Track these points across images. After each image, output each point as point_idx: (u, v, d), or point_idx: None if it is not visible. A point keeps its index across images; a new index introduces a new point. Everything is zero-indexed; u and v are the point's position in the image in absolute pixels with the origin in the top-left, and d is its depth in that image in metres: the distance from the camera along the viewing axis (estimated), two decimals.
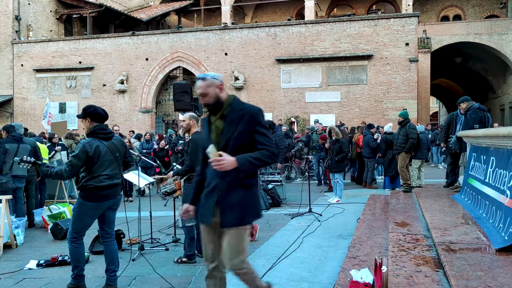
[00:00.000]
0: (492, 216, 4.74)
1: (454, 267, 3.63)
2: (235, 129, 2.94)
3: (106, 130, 4.40)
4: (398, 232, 5.30)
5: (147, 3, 32.28)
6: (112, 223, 4.59)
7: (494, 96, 27.75)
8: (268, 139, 2.96)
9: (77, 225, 4.34)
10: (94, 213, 4.34)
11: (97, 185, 4.23)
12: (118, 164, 4.45)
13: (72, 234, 4.34)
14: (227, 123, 2.98)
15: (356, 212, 7.88)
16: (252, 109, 3.00)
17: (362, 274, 3.79)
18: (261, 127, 2.96)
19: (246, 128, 2.92)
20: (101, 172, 4.25)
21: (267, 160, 2.92)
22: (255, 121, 2.95)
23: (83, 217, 4.31)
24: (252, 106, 3.04)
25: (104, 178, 4.27)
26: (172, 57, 21.22)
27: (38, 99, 22.60)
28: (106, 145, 4.32)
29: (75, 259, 4.34)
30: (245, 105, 3.04)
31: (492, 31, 23.55)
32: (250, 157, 2.85)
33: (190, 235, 5.39)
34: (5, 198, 6.23)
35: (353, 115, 18.88)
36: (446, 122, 8.63)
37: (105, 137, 4.36)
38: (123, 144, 4.59)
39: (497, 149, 5.11)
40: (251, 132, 2.93)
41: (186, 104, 9.08)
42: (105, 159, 4.27)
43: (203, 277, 4.77)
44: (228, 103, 3.05)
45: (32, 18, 24.23)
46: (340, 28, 19.24)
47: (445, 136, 8.56)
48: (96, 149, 4.21)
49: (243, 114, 2.95)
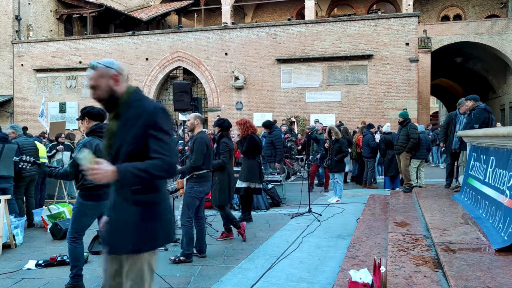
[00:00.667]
0: (492, 216, 4.72)
1: (454, 267, 3.62)
2: (129, 131, 2.39)
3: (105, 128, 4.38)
4: (398, 232, 5.29)
5: (147, 3, 32.27)
6: None
7: (495, 96, 27.73)
8: (166, 146, 2.37)
9: (76, 225, 4.34)
10: (94, 212, 4.34)
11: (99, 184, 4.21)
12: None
13: (72, 234, 4.34)
14: (121, 124, 2.44)
15: (356, 212, 7.86)
16: (149, 108, 2.42)
17: (361, 274, 3.78)
18: (158, 131, 2.36)
19: (141, 131, 2.36)
20: None
21: (159, 174, 2.33)
22: (151, 123, 2.36)
23: (83, 216, 4.31)
24: (150, 103, 2.47)
25: None
26: (172, 57, 21.22)
27: (38, 99, 22.55)
28: None
29: (74, 259, 4.34)
30: (144, 102, 2.46)
31: (493, 31, 23.52)
32: (135, 167, 2.29)
33: (189, 235, 5.38)
34: (4, 198, 6.23)
35: (353, 115, 18.87)
36: (445, 122, 8.62)
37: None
38: None
39: (497, 149, 5.10)
40: (146, 136, 2.36)
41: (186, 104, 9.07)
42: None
43: (202, 277, 4.78)
44: (125, 99, 2.49)
45: (32, 18, 24.23)
46: (340, 28, 19.23)
47: (444, 136, 8.54)
48: (96, 147, 4.21)
49: (139, 113, 2.39)
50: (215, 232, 6.84)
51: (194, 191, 5.42)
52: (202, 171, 5.43)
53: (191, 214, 5.46)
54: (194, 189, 5.42)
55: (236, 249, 5.91)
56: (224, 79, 20.52)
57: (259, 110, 19.94)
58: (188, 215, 5.43)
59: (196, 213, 5.60)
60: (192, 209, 5.46)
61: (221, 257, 5.55)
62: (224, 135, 6.50)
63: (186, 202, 5.45)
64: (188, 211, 5.43)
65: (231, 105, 20.43)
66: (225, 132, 6.54)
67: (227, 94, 20.51)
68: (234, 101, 20.39)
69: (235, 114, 19.92)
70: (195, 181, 5.43)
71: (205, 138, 5.45)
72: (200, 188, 5.44)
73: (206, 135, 5.57)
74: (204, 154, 5.36)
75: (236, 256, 5.57)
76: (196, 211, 5.59)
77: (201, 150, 5.35)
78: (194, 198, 5.42)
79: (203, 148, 5.36)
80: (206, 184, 5.54)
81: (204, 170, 5.45)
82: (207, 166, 5.50)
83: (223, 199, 6.33)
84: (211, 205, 8.99)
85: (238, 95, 20.32)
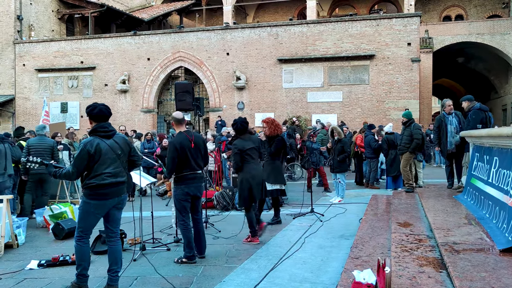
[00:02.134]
0: (496, 216, 4.71)
1: (458, 268, 3.60)
2: None
3: (107, 128, 4.39)
4: (401, 232, 5.27)
5: (149, 3, 32.27)
6: (117, 222, 4.58)
7: (496, 96, 27.68)
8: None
9: (82, 224, 4.35)
10: (98, 211, 4.33)
11: (99, 183, 4.23)
12: (122, 162, 4.42)
13: (78, 233, 4.35)
14: None
15: (359, 212, 7.84)
16: None
17: (364, 275, 3.76)
18: None
19: None
20: (103, 170, 4.25)
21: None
22: None
23: (88, 215, 4.32)
24: None
25: (107, 176, 4.26)
26: (174, 57, 21.21)
27: (40, 99, 22.53)
28: (108, 143, 4.31)
29: (79, 258, 4.34)
30: None
31: (495, 31, 23.48)
32: None
33: (187, 237, 5.34)
34: (6, 198, 6.22)
35: (355, 115, 18.85)
36: (436, 126, 8.62)
37: (106, 135, 4.35)
38: (127, 142, 4.56)
39: (500, 149, 5.08)
40: None
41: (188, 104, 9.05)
42: (106, 157, 4.26)
43: (205, 277, 4.77)
44: None
45: (34, 18, 24.23)
46: (342, 28, 19.21)
47: (437, 139, 8.53)
48: (97, 147, 4.21)
49: None
50: (217, 232, 6.83)
51: (178, 193, 5.34)
52: (182, 173, 5.31)
53: (185, 217, 5.37)
54: (178, 192, 5.35)
55: (239, 250, 5.90)
56: (225, 79, 20.51)
57: (261, 110, 19.92)
58: (181, 218, 5.37)
59: (192, 215, 5.53)
60: (184, 211, 5.37)
61: (223, 258, 5.54)
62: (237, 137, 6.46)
63: (176, 206, 5.42)
64: (180, 214, 5.38)
65: (233, 105, 20.42)
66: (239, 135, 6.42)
67: (229, 94, 20.50)
68: (235, 101, 20.37)
69: (236, 114, 19.90)
70: (177, 183, 5.37)
71: (176, 142, 5.29)
72: (184, 189, 5.31)
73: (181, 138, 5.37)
74: (174, 159, 5.23)
75: (238, 256, 5.56)
76: (193, 212, 5.53)
77: (170, 155, 5.27)
78: (180, 200, 5.33)
79: (173, 153, 5.23)
80: (192, 185, 5.37)
81: (187, 172, 5.32)
82: (190, 168, 5.34)
83: (241, 201, 6.33)
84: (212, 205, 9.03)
85: (239, 95, 20.31)
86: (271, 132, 7.38)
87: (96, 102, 4.51)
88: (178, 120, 5.53)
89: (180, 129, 5.50)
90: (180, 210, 5.37)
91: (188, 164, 5.33)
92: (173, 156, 5.25)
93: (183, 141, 5.34)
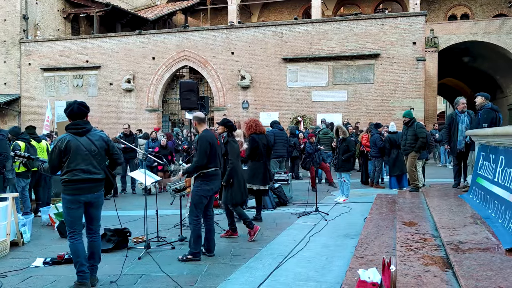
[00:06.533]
0: (502, 215, 4.68)
1: (464, 267, 3.59)
2: None
3: (80, 126, 4.46)
4: (406, 231, 5.26)
5: (154, 3, 32.33)
6: (96, 220, 4.65)
7: (502, 96, 27.52)
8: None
9: (66, 219, 4.49)
10: (73, 206, 4.39)
11: (71, 178, 4.34)
12: (96, 159, 4.44)
13: (67, 229, 4.47)
14: None
15: (363, 212, 7.83)
16: None
17: (369, 274, 3.76)
18: None
19: None
20: (75, 166, 4.33)
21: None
22: None
23: (67, 210, 4.44)
24: None
25: (78, 172, 4.34)
26: (179, 56, 21.24)
27: (45, 98, 22.66)
28: (80, 140, 4.38)
29: (74, 255, 4.43)
30: None
31: (500, 30, 23.32)
32: None
33: (196, 233, 5.37)
34: (11, 196, 6.26)
35: (360, 115, 18.79)
36: (447, 123, 8.53)
37: (77, 133, 4.42)
38: (104, 140, 4.58)
39: (506, 148, 5.05)
40: None
41: (193, 103, 9.08)
42: (77, 153, 4.34)
43: (209, 275, 4.78)
44: None
45: (40, 17, 24.32)
46: (347, 27, 19.16)
47: (447, 137, 8.45)
48: (67, 143, 4.33)
49: None
50: (222, 231, 6.83)
51: (202, 189, 5.40)
52: (209, 169, 5.41)
53: (199, 213, 5.45)
54: (201, 188, 5.40)
55: (244, 248, 5.90)
56: (230, 78, 20.51)
57: (265, 109, 19.91)
58: (195, 214, 5.42)
59: (205, 212, 5.59)
60: (200, 208, 5.44)
61: (228, 256, 5.54)
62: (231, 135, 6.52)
63: (194, 201, 5.44)
64: (195, 209, 5.42)
65: (237, 104, 20.42)
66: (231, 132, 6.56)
67: (233, 93, 20.50)
68: (240, 100, 20.37)
69: (241, 113, 19.92)
70: (202, 179, 5.42)
71: (208, 137, 5.41)
72: (207, 186, 5.42)
73: (210, 133, 5.53)
74: (206, 153, 5.34)
75: (243, 255, 5.56)
76: (205, 210, 5.58)
77: (203, 149, 5.33)
78: (201, 196, 5.40)
79: (206, 147, 5.33)
80: (214, 183, 5.51)
81: (212, 168, 5.44)
82: (214, 164, 5.47)
83: (237, 198, 6.38)
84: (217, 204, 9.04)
85: (244, 94, 20.31)
86: (247, 133, 7.53)
87: (72, 101, 4.63)
88: (201, 119, 5.68)
89: (204, 127, 5.61)
90: (197, 206, 5.42)
91: (214, 160, 5.46)
92: (206, 150, 5.34)
93: (212, 137, 5.49)
